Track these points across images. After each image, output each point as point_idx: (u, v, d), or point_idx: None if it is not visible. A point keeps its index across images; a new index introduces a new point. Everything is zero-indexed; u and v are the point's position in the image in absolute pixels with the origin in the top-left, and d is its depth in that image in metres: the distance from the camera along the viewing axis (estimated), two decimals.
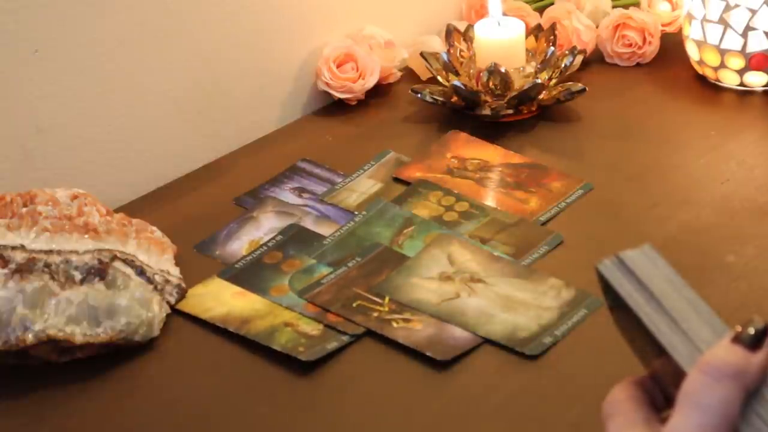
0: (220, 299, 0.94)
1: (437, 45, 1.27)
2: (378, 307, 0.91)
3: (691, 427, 0.52)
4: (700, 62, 1.23)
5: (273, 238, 1.01)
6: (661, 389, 0.60)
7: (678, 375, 0.56)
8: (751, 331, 0.54)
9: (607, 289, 0.60)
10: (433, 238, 0.99)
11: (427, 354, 0.86)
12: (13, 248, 0.88)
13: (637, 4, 1.34)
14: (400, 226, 1.01)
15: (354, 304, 0.92)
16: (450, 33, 1.24)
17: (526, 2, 1.34)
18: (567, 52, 1.21)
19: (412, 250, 0.98)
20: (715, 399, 0.52)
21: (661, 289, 0.58)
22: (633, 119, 1.18)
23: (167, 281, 0.93)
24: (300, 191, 1.09)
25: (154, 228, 0.98)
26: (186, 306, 0.93)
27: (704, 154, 1.10)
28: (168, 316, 0.92)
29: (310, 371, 0.86)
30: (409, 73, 1.29)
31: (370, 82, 1.23)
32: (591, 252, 0.87)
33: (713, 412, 0.52)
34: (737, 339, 0.54)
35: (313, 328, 0.90)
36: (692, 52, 1.24)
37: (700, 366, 0.53)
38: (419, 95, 1.19)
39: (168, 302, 0.93)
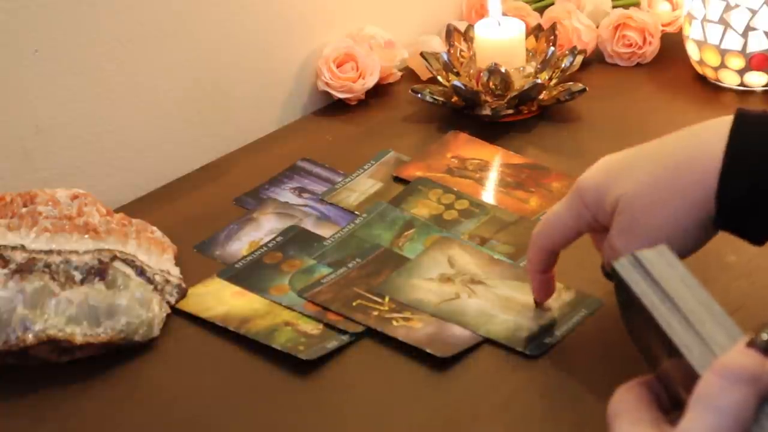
0: (220, 299, 0.94)
1: (437, 45, 1.27)
2: (378, 306, 0.91)
3: (704, 428, 0.53)
4: (701, 62, 1.23)
5: (273, 239, 1.01)
6: (667, 391, 0.60)
7: (689, 376, 0.55)
8: (765, 336, 0.54)
9: (621, 287, 0.60)
10: (434, 241, 0.99)
11: (428, 351, 0.86)
12: (13, 248, 0.88)
13: (637, 4, 1.34)
14: (400, 229, 1.01)
15: (354, 303, 0.92)
16: (450, 33, 1.24)
17: (526, 2, 1.34)
18: (567, 52, 1.21)
19: (412, 252, 0.98)
20: (729, 402, 0.52)
21: (676, 289, 0.58)
22: (633, 119, 1.18)
23: (167, 281, 0.93)
24: (300, 191, 1.09)
25: (154, 228, 0.98)
26: (186, 305, 0.93)
27: None
28: (168, 316, 0.92)
29: (310, 370, 0.86)
30: (409, 73, 1.29)
31: (370, 82, 1.23)
32: (591, 252, 0.87)
33: (727, 415, 0.52)
34: (752, 344, 0.54)
35: (313, 327, 0.90)
36: (692, 52, 1.24)
37: (715, 369, 0.53)
38: (419, 95, 1.19)
39: (168, 302, 0.93)
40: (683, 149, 0.76)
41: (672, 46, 1.30)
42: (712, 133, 0.75)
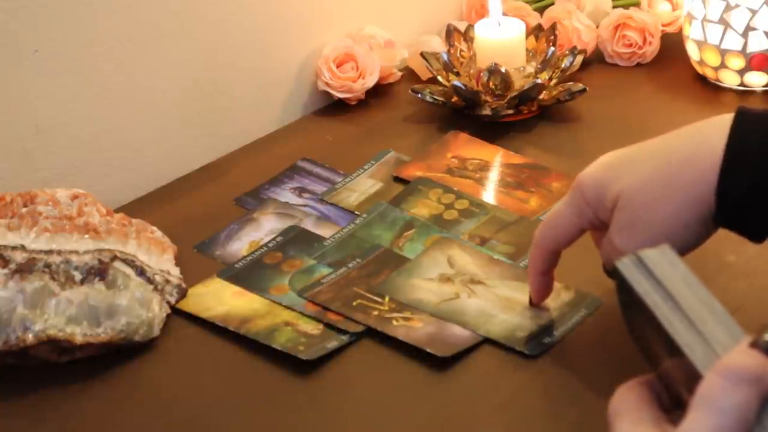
0: (220, 299, 0.94)
1: (437, 45, 1.27)
2: (378, 306, 0.91)
3: (706, 429, 0.52)
4: (701, 62, 1.23)
5: (273, 239, 1.01)
6: (668, 390, 0.60)
7: (691, 376, 0.55)
8: (767, 337, 0.54)
9: (622, 286, 0.60)
10: (434, 241, 0.99)
11: (428, 351, 0.86)
12: (14, 248, 0.88)
13: (637, 4, 1.34)
14: (400, 229, 1.01)
15: (354, 303, 0.92)
16: (450, 33, 1.24)
17: (527, 2, 1.35)
18: (567, 52, 1.21)
19: (412, 252, 0.98)
20: (732, 402, 0.52)
21: (678, 289, 0.58)
22: (633, 119, 1.18)
23: (167, 281, 0.93)
24: (300, 191, 1.09)
25: (154, 228, 0.98)
26: (186, 305, 0.93)
27: None
28: (168, 316, 0.92)
29: (310, 370, 0.86)
30: (409, 73, 1.29)
31: (370, 81, 1.23)
32: (590, 252, 0.87)
33: (729, 416, 0.52)
34: (755, 344, 0.54)
35: (313, 327, 0.90)
36: (692, 52, 1.24)
37: (718, 369, 0.53)
38: (419, 95, 1.19)
39: (168, 302, 0.93)
40: (685, 146, 0.77)
41: (672, 46, 1.30)
42: (713, 130, 0.75)
